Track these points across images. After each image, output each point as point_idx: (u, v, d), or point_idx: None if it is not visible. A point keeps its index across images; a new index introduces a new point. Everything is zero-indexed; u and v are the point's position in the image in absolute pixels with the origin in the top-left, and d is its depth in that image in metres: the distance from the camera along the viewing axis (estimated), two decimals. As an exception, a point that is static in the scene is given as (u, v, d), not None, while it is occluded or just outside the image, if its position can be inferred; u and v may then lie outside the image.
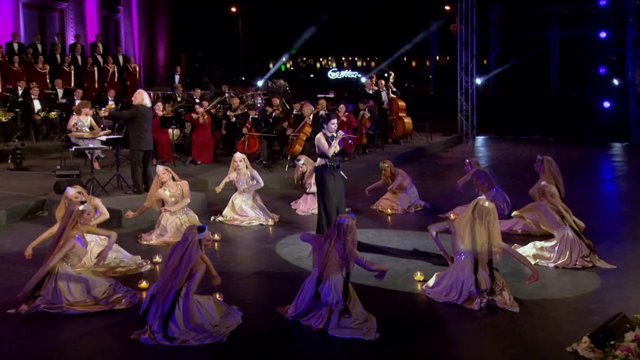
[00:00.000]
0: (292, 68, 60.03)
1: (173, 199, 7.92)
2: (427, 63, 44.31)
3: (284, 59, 36.12)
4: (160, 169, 7.92)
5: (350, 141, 8.35)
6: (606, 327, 4.91)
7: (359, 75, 44.62)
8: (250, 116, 12.29)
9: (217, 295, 5.74)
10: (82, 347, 5.06)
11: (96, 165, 11.45)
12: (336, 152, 7.69)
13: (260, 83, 28.48)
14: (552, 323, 5.55)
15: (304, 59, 61.64)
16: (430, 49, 33.06)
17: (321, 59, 62.35)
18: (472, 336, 5.46)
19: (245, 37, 47.03)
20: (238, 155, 8.99)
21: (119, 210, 8.38)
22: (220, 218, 8.87)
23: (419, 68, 53.44)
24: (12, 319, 5.48)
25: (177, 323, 5.06)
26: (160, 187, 7.92)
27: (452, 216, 9.15)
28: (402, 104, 15.58)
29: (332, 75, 53.16)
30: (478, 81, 27.02)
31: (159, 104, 12.75)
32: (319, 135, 7.68)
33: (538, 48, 26.80)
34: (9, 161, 11.67)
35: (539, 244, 7.24)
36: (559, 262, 6.96)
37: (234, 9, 45.21)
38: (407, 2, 42.41)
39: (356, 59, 62.43)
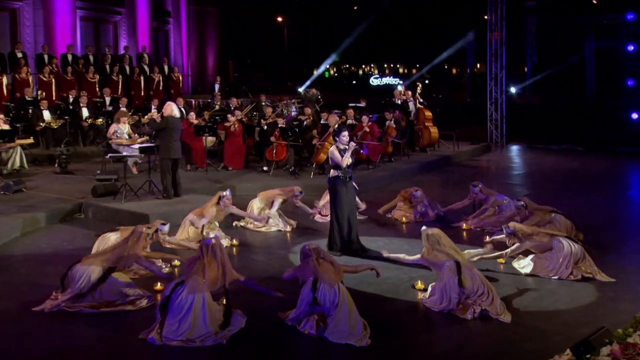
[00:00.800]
0: (335, 74, 60.34)
1: (209, 223, 8.17)
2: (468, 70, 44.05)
3: (324, 67, 36.34)
4: (228, 196, 8.15)
5: (362, 151, 8.43)
6: (586, 341, 4.91)
7: (400, 82, 44.52)
8: (279, 125, 12.51)
9: (224, 300, 5.86)
10: (95, 346, 5.31)
11: (134, 170, 11.91)
12: (349, 163, 7.82)
13: (300, 89, 28.86)
14: (540, 335, 5.57)
15: (347, 66, 61.77)
16: (467, 57, 32.79)
17: (363, 66, 62.40)
18: (459, 345, 5.54)
19: (290, 45, 47.59)
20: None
21: (146, 215, 8.67)
22: (241, 223, 9.08)
23: (459, 75, 52.95)
24: (37, 316, 5.81)
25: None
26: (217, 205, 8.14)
27: (464, 225, 9.20)
28: (428, 113, 15.57)
29: (374, 81, 53.08)
30: (512, 90, 26.81)
31: (192, 113, 13.09)
32: (332, 148, 7.82)
33: (574, 57, 26.31)
34: (56, 165, 12.19)
35: (540, 255, 7.22)
36: (559, 272, 6.94)
37: (279, 19, 45.91)
38: (447, 10, 42.12)
39: (398, 65, 62.24)
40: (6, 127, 11.98)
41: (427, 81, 49.73)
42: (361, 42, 49.22)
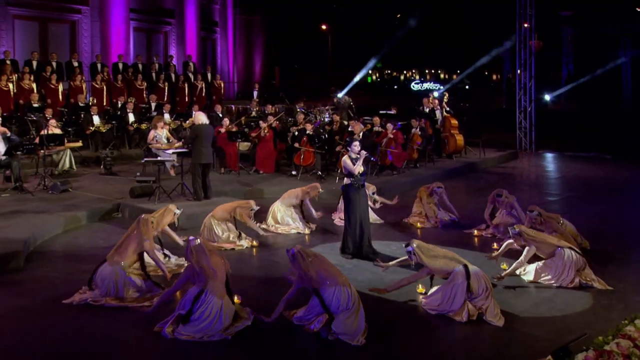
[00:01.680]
0: (377, 79, 60.39)
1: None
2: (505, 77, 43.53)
3: (363, 73, 36.48)
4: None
5: (372, 159, 8.61)
6: (566, 346, 4.99)
7: (440, 87, 44.28)
8: (307, 131, 12.77)
9: (236, 298, 6.12)
10: (113, 337, 5.61)
11: (172, 172, 12.34)
12: (361, 171, 8.00)
13: (340, 95, 29.05)
14: (528, 340, 5.64)
15: (388, 71, 61.72)
16: (503, 65, 32.46)
17: (405, 72, 62.23)
18: (450, 346, 5.67)
19: (333, 51, 47.92)
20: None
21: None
22: (263, 226, 9.34)
23: (500, 81, 52.25)
24: (66, 308, 6.22)
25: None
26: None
27: (475, 232, 9.25)
28: (454, 122, 15.59)
29: (415, 86, 52.96)
30: (547, 97, 26.43)
31: (226, 119, 13.47)
32: (345, 157, 8.02)
33: (610, 65, 25.77)
34: (101, 166, 12.76)
35: (541, 263, 7.26)
36: (560, 280, 6.97)
37: (324, 27, 46.30)
38: (487, 19, 41.71)
39: (439, 71, 61.83)
40: (58, 131, 12.60)
41: (467, 87, 49.42)
42: (404, 48, 49.29)
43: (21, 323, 5.83)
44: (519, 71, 18.02)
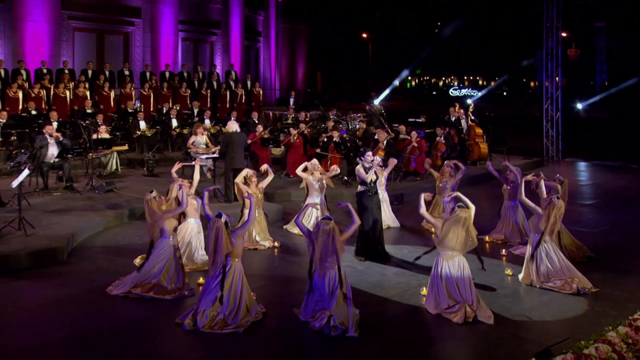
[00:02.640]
0: (416, 86, 60.26)
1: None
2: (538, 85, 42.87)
3: (399, 79, 36.63)
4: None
5: (383, 166, 8.84)
6: (547, 349, 5.14)
7: (478, 93, 43.95)
8: (333, 139, 13.06)
9: (253, 295, 6.40)
10: (138, 326, 6.03)
11: (209, 175, 12.81)
12: (373, 179, 8.24)
13: (376, 101, 29.22)
14: (517, 342, 5.79)
15: (427, 77, 61.47)
16: (537, 74, 32.04)
17: (444, 78, 61.83)
18: (443, 345, 5.87)
19: (373, 58, 48.10)
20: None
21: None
22: (286, 227, 9.67)
23: (539, 87, 51.39)
24: (101, 298, 6.68)
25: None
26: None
27: (486, 238, 9.34)
28: (479, 130, 15.60)
29: (453, 92, 52.61)
30: (579, 106, 25.98)
31: (260, 126, 13.88)
32: (358, 167, 8.28)
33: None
34: (145, 168, 13.35)
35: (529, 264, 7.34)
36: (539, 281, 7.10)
37: (364, 35, 46.55)
38: (525, 26, 41.19)
39: (477, 78, 61.16)
40: (107, 136, 13.25)
41: (504, 93, 48.78)
42: (443, 55, 49.04)
43: (58, 312, 6.31)
44: (546, 83, 17.86)
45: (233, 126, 10.33)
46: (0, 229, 8.26)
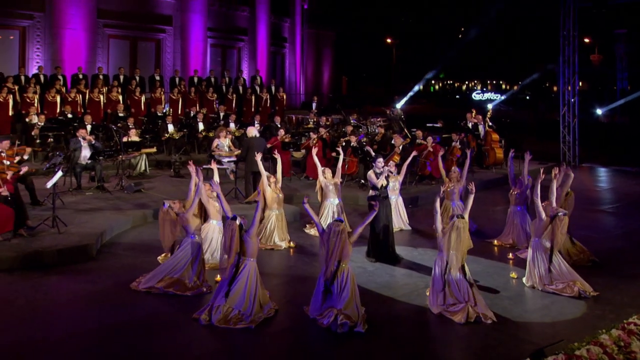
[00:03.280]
0: (440, 89, 59.97)
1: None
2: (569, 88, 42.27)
3: (421, 83, 36.59)
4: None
5: (393, 173, 9.01)
6: (541, 349, 5.27)
7: (501, 97, 43.60)
8: (351, 143, 13.25)
9: (267, 293, 6.66)
10: (158, 320, 6.32)
11: (231, 177, 13.12)
12: (384, 184, 8.42)
13: (398, 105, 29.32)
14: (514, 342, 5.90)
15: (450, 81, 61.14)
16: (557, 79, 31.62)
17: (467, 82, 61.42)
18: (445, 344, 6.03)
19: (397, 63, 48.13)
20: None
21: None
22: (305, 229, 9.90)
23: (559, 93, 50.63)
24: (126, 293, 7.00)
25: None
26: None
27: (495, 242, 9.43)
28: (495, 136, 15.64)
29: (476, 96, 52.27)
30: (599, 112, 25.65)
31: (282, 130, 14.14)
32: (370, 172, 8.48)
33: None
34: (171, 170, 13.73)
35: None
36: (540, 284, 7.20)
37: (389, 40, 46.62)
38: (548, 31, 40.75)
39: (501, 82, 60.59)
40: (136, 139, 13.66)
41: (527, 97, 48.24)
42: (466, 59, 48.72)
43: (87, 305, 6.64)
44: (563, 89, 17.77)
45: (253, 132, 10.62)
46: (35, 227, 8.66)
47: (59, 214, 8.97)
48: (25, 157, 10.31)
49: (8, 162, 9.02)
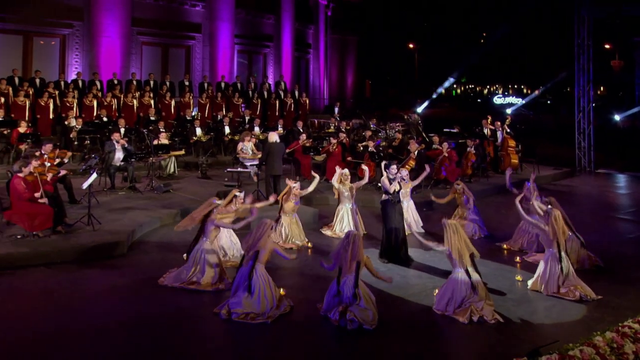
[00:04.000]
0: (461, 93, 59.69)
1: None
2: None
3: (443, 87, 36.59)
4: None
5: (405, 180, 9.21)
6: (537, 349, 5.45)
7: (522, 101, 43.26)
8: (369, 148, 13.48)
9: (281, 290, 6.94)
10: (180, 313, 6.66)
11: (255, 178, 13.46)
12: (396, 190, 8.65)
13: (419, 109, 29.39)
14: (514, 342, 6.06)
15: (471, 85, 60.78)
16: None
17: (489, 86, 61.00)
18: (448, 342, 6.24)
19: (420, 67, 48.14)
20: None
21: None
22: (322, 229, 10.17)
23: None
24: (153, 287, 7.36)
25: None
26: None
27: (504, 245, 9.57)
28: (512, 142, 15.74)
29: (497, 100, 51.92)
30: (617, 117, 25.37)
31: (304, 135, 14.44)
32: (383, 178, 8.71)
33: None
34: (199, 171, 14.14)
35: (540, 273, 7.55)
36: (548, 288, 7.30)
37: (411, 45, 46.65)
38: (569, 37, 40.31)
39: (522, 86, 60.01)
40: (166, 142, 14.10)
41: (549, 101, 47.70)
42: (488, 64, 48.41)
43: (118, 298, 7.03)
44: (577, 96, 17.72)
45: (273, 137, 10.95)
46: (72, 224, 9.11)
47: (93, 212, 9.41)
48: (66, 160, 10.82)
49: (49, 164, 9.51)
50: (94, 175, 9.49)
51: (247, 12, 23.76)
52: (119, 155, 12.22)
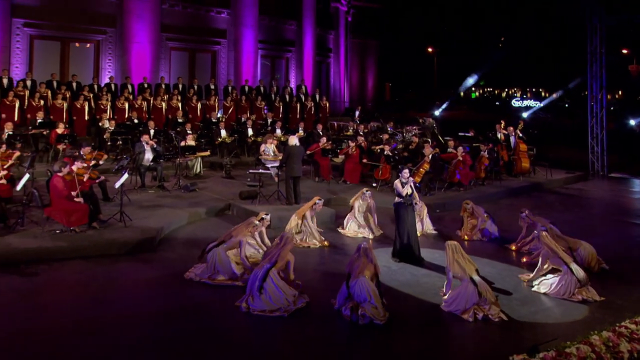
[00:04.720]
0: (480, 96, 59.38)
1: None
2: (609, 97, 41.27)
3: (462, 90, 36.59)
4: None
5: (417, 185, 9.44)
6: (535, 346, 5.66)
7: (540, 105, 42.96)
8: (385, 151, 13.71)
9: (297, 284, 7.29)
10: (202, 306, 7.00)
11: (276, 179, 13.78)
12: (409, 193, 8.88)
13: (437, 112, 29.46)
14: (517, 340, 6.25)
15: (490, 89, 60.40)
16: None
17: (507, 89, 60.52)
18: (453, 338, 6.47)
19: (439, 70, 48.03)
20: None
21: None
22: (339, 229, 10.45)
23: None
24: (178, 282, 7.72)
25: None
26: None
27: (512, 247, 9.73)
28: (524, 146, 15.83)
29: (515, 103, 51.58)
30: (632, 122, 25.10)
31: (324, 138, 14.70)
32: (396, 181, 8.95)
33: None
34: (223, 171, 14.52)
35: (555, 280, 7.68)
36: (565, 294, 7.42)
37: (430, 49, 46.59)
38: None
39: (540, 90, 59.42)
40: (192, 143, 14.51)
41: (566, 105, 47.22)
42: (507, 67, 48.12)
43: (147, 291, 7.41)
44: (591, 103, 17.69)
45: (293, 140, 11.24)
46: (106, 221, 9.55)
47: (125, 209, 9.82)
48: (101, 162, 11.27)
49: (85, 165, 9.96)
50: (126, 175, 9.91)
51: (270, 18, 24.13)
52: (149, 155, 12.64)
